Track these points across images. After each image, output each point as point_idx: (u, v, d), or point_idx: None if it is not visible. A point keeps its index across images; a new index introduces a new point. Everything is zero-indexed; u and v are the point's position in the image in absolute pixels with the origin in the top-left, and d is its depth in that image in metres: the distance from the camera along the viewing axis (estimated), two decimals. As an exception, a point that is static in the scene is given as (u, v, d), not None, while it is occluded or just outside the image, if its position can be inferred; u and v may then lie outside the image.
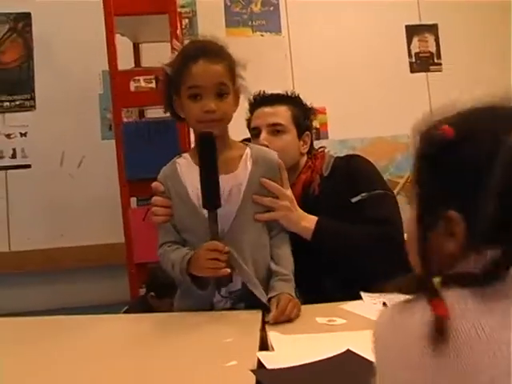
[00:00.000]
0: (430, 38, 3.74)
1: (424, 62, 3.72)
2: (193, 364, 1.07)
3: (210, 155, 1.28)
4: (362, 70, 3.60)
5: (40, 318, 1.51)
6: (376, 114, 3.52)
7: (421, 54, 3.73)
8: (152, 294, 2.27)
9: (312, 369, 1.00)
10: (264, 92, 1.73)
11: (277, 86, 1.78)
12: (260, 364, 1.03)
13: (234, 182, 1.37)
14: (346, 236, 1.51)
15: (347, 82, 3.57)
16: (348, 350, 1.06)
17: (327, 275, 1.55)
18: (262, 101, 1.72)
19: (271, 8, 3.66)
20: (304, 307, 1.37)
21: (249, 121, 1.75)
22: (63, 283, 3.24)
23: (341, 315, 1.29)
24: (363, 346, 1.08)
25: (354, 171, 1.64)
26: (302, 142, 1.70)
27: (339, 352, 1.05)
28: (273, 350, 1.10)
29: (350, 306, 1.36)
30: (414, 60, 3.71)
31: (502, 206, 0.52)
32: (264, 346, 1.14)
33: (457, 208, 0.56)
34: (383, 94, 3.58)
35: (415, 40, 3.73)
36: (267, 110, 1.69)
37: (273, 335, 1.17)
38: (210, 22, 3.52)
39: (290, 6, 3.64)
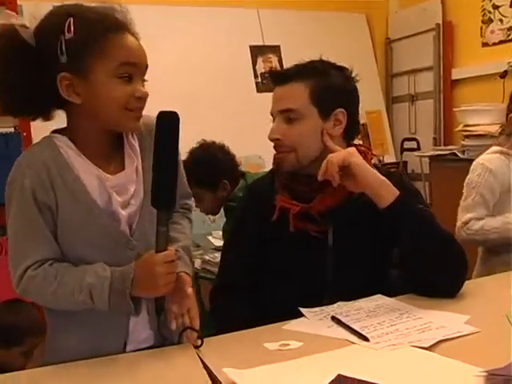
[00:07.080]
0: (274, 59, 3.75)
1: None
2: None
3: (174, 142, 0.98)
4: (208, 90, 3.48)
5: None
6: (225, 135, 3.39)
7: (266, 75, 3.72)
8: None
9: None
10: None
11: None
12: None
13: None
14: (433, 223, 1.23)
15: (193, 103, 3.41)
16: (339, 375, 0.84)
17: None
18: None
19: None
20: (241, 333, 1.12)
21: None
22: None
23: (290, 337, 1.07)
24: (345, 367, 0.88)
25: (409, 186, 1.36)
26: (332, 123, 1.28)
27: (330, 380, 0.83)
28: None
29: (294, 325, 1.14)
30: (259, 80, 3.68)
31: None
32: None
33: None
34: (230, 115, 3.49)
35: (259, 60, 3.72)
36: (278, 91, 1.30)
37: (229, 371, 0.90)
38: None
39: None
